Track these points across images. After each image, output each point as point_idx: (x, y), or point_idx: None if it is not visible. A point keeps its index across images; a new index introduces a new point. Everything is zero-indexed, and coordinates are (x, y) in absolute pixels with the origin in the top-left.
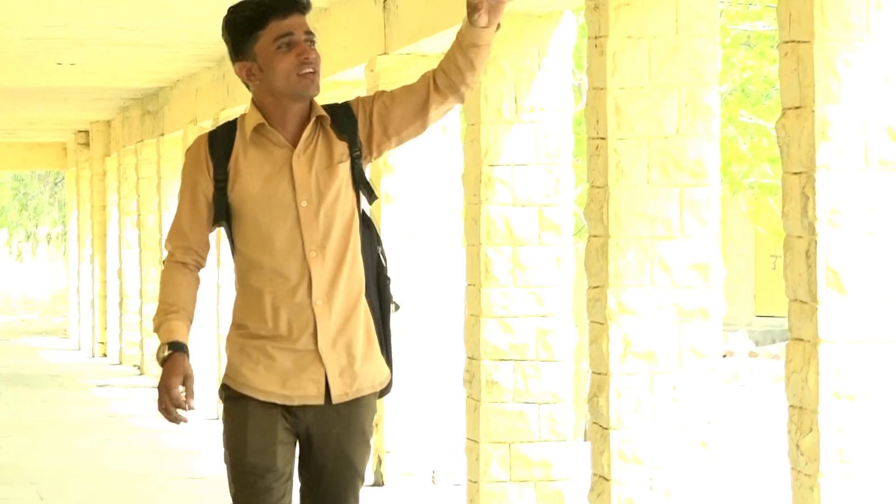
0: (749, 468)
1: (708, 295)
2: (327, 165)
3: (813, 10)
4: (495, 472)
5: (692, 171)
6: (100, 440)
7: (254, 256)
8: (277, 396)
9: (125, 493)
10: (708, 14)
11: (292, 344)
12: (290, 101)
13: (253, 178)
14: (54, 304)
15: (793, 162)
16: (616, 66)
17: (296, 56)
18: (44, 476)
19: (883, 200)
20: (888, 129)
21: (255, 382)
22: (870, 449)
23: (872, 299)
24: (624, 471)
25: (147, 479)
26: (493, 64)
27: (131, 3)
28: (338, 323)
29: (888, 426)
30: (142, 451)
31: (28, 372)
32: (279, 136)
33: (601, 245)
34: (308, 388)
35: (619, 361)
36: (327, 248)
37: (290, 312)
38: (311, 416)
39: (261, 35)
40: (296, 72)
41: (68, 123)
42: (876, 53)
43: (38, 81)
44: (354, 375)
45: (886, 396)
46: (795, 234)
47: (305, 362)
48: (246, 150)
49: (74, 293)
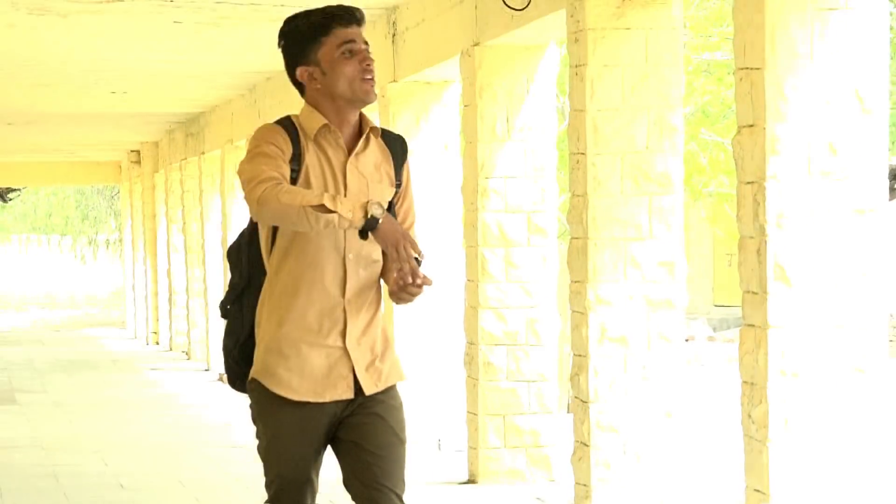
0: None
1: (673, 288)
2: (377, 176)
3: (764, 40)
4: (492, 440)
5: (659, 182)
6: (152, 415)
7: (296, 253)
8: (311, 396)
9: (173, 459)
10: (673, 46)
11: (323, 339)
12: (349, 106)
13: (312, 175)
14: (113, 300)
15: (746, 173)
16: (594, 91)
17: (359, 62)
18: (106, 446)
19: (823, 206)
20: (829, 144)
21: (292, 384)
22: (811, 418)
23: (814, 291)
24: (601, 438)
25: (191, 448)
26: (488, 90)
27: (174, 41)
28: (363, 323)
29: (826, 399)
30: (187, 424)
31: (92, 358)
32: (341, 139)
33: (581, 246)
34: (338, 386)
35: (597, 345)
36: (362, 253)
37: (324, 309)
38: (348, 408)
39: (325, 41)
40: (359, 77)
41: (122, 144)
42: (819, 79)
43: (95, 108)
44: (379, 371)
45: (825, 374)
46: (748, 235)
47: (334, 359)
48: (307, 148)
49: (130, 290)
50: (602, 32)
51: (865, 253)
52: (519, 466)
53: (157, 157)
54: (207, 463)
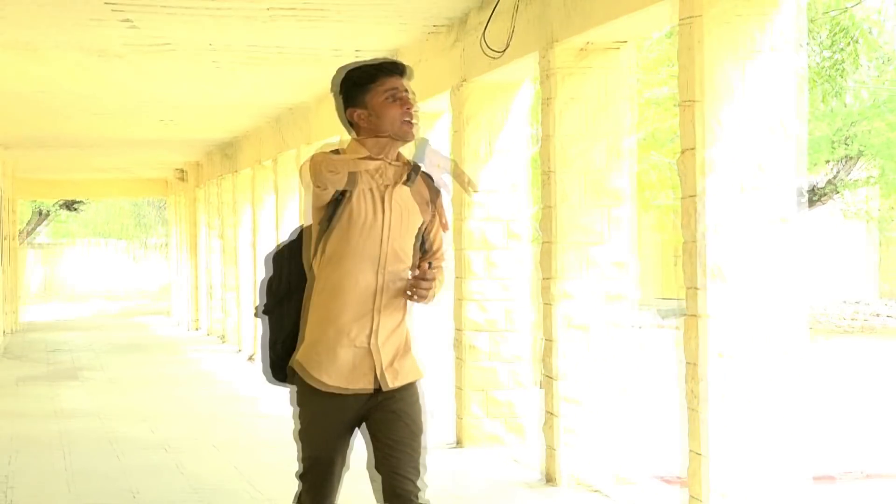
0: (656, 407)
1: (626, 284)
2: (411, 206)
3: (703, 78)
4: (475, 410)
5: (614, 196)
6: (192, 389)
7: (338, 262)
8: (338, 387)
9: (211, 427)
10: (626, 83)
11: (353, 340)
12: (392, 144)
13: (360, 199)
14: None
15: (687, 188)
16: (561, 120)
17: (400, 107)
18: (153, 415)
19: (751, 216)
20: (757, 164)
21: (323, 377)
22: (742, 393)
23: (744, 286)
24: (566, 409)
25: (225, 418)
26: (473, 119)
27: (213, 78)
28: (390, 327)
29: (755, 376)
30: (222, 397)
31: (142, 342)
32: (388, 172)
33: (549, 248)
34: (362, 380)
35: (563, 331)
36: (394, 267)
37: (357, 314)
38: (371, 401)
39: (372, 87)
40: (400, 119)
41: (169, 164)
42: (747, 110)
43: (146, 134)
44: (398, 370)
45: (754, 355)
46: (689, 240)
47: (360, 356)
48: (360, 176)
49: (175, 285)
50: (567, 72)
51: (787, 254)
52: (498, 432)
53: (199, 175)
54: (238, 429)
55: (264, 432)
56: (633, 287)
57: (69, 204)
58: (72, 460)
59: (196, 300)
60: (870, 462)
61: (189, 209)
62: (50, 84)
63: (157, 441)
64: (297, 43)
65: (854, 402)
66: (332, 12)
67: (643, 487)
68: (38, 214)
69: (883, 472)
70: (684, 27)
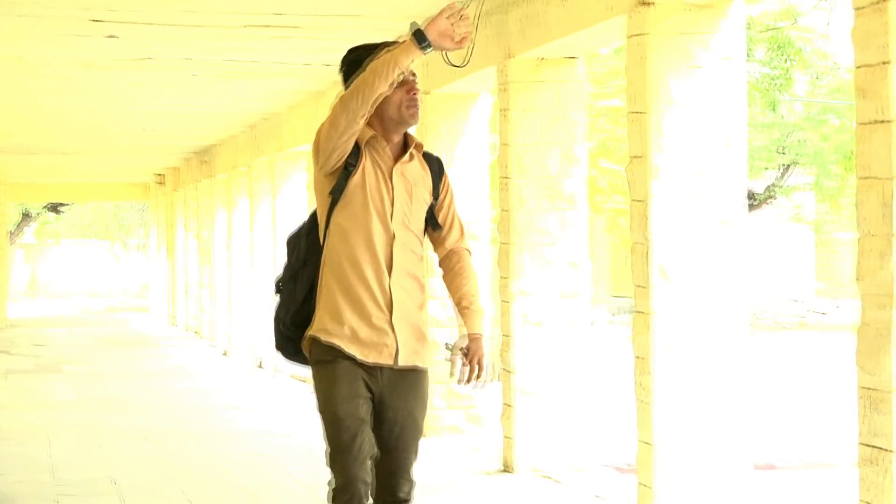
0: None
1: (579, 282)
2: (416, 183)
3: (650, 90)
4: (437, 402)
5: (568, 200)
6: (171, 381)
7: (349, 239)
8: (357, 355)
9: (188, 418)
10: (579, 95)
11: (369, 317)
12: (395, 127)
13: (366, 174)
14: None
15: (636, 193)
16: (517, 129)
17: (406, 91)
18: (133, 407)
19: (695, 219)
20: (700, 171)
21: (342, 339)
22: (688, 386)
23: (689, 285)
24: (523, 400)
25: (202, 409)
26: (434, 129)
27: (192, 89)
28: (407, 308)
29: (700, 370)
30: (198, 390)
31: (123, 337)
32: (388, 149)
33: (507, 249)
34: (382, 352)
35: (520, 327)
36: (406, 244)
37: (372, 285)
38: (385, 380)
39: None
40: (405, 103)
41: (149, 169)
42: (691, 120)
43: (128, 141)
44: (417, 350)
45: (698, 350)
46: (638, 241)
47: (380, 332)
48: (364, 152)
49: (153, 284)
50: (524, 84)
51: (730, 255)
52: (458, 423)
53: (177, 179)
54: (214, 420)
55: (238, 423)
56: (587, 285)
57: (54, 206)
58: (56, 449)
59: (173, 298)
60: (808, 451)
61: (168, 212)
62: (39, 95)
63: (138, 431)
64: (271, 57)
65: (793, 394)
66: (304, 28)
67: (597, 475)
68: (25, 216)
69: (820, 461)
70: (633, 43)
